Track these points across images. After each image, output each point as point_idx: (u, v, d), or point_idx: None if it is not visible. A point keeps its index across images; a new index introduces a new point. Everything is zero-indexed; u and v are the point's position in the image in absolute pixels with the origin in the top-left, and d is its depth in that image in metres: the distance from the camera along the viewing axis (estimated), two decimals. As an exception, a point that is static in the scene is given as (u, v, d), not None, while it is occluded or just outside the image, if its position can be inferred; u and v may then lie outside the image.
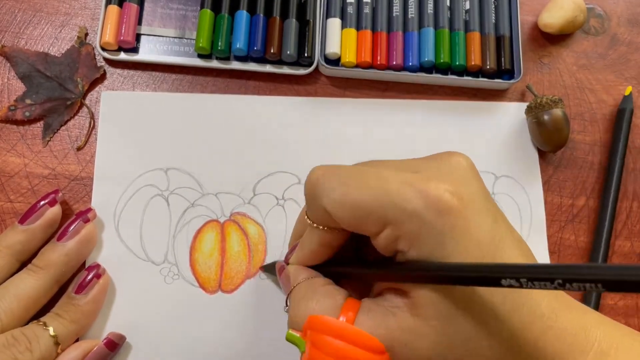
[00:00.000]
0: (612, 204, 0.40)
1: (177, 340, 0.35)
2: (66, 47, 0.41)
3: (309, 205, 0.27)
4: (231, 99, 0.40)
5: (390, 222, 0.24)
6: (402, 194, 0.24)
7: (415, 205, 0.23)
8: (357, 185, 0.25)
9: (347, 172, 0.26)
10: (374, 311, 0.26)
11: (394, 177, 0.24)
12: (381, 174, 0.25)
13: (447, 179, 0.24)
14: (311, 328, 0.25)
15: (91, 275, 0.34)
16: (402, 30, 0.43)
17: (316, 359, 0.24)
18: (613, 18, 0.47)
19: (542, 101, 0.40)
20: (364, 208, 0.24)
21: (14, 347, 0.30)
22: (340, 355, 0.23)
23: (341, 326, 0.24)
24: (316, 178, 0.26)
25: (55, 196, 0.35)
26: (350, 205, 0.25)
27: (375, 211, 0.24)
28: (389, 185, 0.24)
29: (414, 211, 0.23)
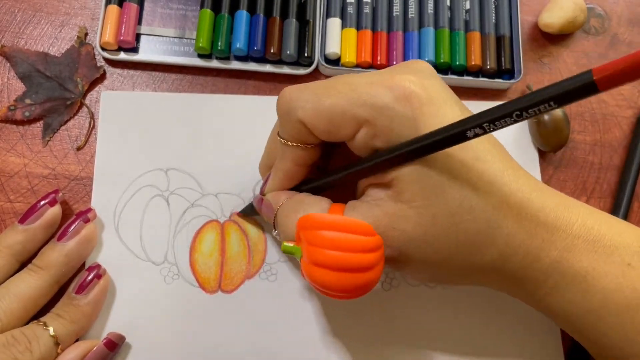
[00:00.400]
0: (626, 205, 0.40)
1: (177, 340, 0.35)
2: (66, 47, 0.41)
3: (282, 122, 0.28)
4: (231, 99, 0.40)
5: (364, 120, 0.25)
6: (371, 91, 0.25)
7: (384, 98, 0.25)
8: (328, 93, 0.26)
9: (317, 85, 0.27)
10: (359, 207, 0.27)
11: (361, 80, 0.26)
12: (349, 80, 0.26)
13: (411, 74, 0.26)
14: (303, 228, 0.25)
15: (92, 275, 0.34)
16: (402, 30, 0.43)
17: (314, 254, 0.24)
18: (613, 18, 0.47)
19: (542, 101, 0.40)
20: (337, 112, 0.26)
21: (13, 347, 0.30)
22: (335, 244, 0.24)
23: (331, 218, 0.25)
24: (289, 94, 0.27)
25: (55, 196, 0.35)
26: (325, 112, 0.26)
27: (349, 112, 0.25)
28: (357, 87, 0.26)
29: (384, 104, 0.25)
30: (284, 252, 0.27)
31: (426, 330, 0.36)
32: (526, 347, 0.36)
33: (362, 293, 0.25)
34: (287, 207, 0.29)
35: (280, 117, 0.29)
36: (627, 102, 0.44)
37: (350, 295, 0.25)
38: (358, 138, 0.26)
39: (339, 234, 0.24)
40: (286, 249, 0.27)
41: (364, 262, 0.24)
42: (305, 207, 0.28)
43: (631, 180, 0.41)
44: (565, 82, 0.19)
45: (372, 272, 0.25)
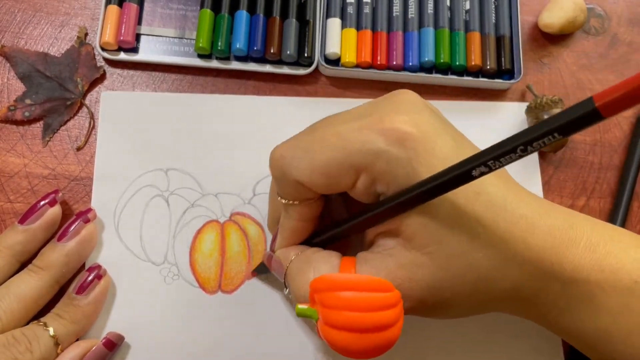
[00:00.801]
0: (625, 206, 0.40)
1: (176, 340, 0.35)
2: (66, 47, 0.41)
3: (279, 184, 0.28)
4: (231, 99, 0.40)
5: (361, 168, 0.25)
6: (362, 138, 0.25)
7: (377, 144, 0.25)
8: (320, 148, 0.26)
9: (306, 140, 0.27)
10: (371, 259, 0.26)
11: (350, 128, 0.26)
12: (338, 131, 0.26)
13: (399, 111, 0.25)
14: (317, 290, 0.25)
15: (92, 276, 0.34)
16: (402, 30, 0.43)
17: (332, 317, 0.24)
18: (613, 18, 0.47)
19: (543, 101, 0.40)
20: (334, 166, 0.25)
21: (14, 348, 0.30)
22: (353, 304, 0.23)
23: (346, 278, 0.24)
24: (280, 156, 0.27)
25: (55, 196, 0.35)
26: (321, 168, 0.26)
27: (345, 164, 0.25)
28: (348, 137, 0.25)
29: (378, 149, 0.25)
30: (299, 315, 0.26)
31: (425, 332, 0.36)
32: (526, 349, 0.36)
33: (382, 352, 0.24)
34: (296, 266, 0.28)
35: (276, 180, 0.28)
36: (627, 102, 0.44)
37: (371, 355, 0.24)
38: (358, 186, 0.26)
39: (355, 293, 0.24)
40: (301, 312, 0.26)
41: (384, 320, 0.23)
42: (314, 264, 0.27)
43: (631, 180, 0.41)
44: (568, 112, 0.19)
45: (393, 329, 0.24)
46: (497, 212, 0.25)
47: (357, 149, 0.25)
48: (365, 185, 0.26)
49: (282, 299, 0.36)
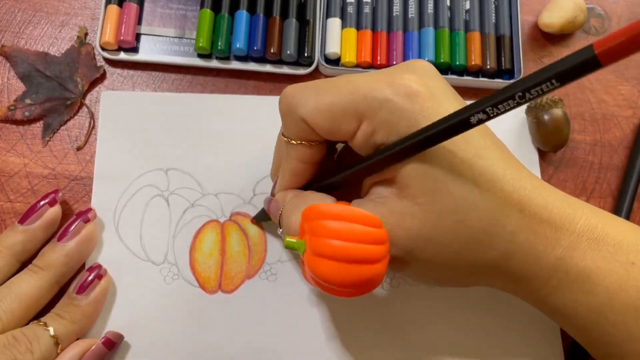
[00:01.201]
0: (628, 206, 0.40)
1: (176, 340, 0.35)
2: (66, 46, 0.41)
3: (285, 121, 0.28)
4: (231, 99, 0.40)
5: (365, 116, 0.26)
6: (372, 87, 0.25)
7: (385, 93, 0.25)
8: (329, 91, 0.26)
9: (318, 83, 0.27)
10: (364, 205, 0.27)
11: (362, 78, 0.26)
12: (350, 78, 0.27)
13: (413, 73, 0.26)
14: (308, 219, 0.25)
15: (92, 275, 0.34)
16: (402, 30, 0.43)
17: (319, 246, 0.24)
18: (613, 18, 0.47)
19: (542, 101, 0.40)
20: (338, 108, 0.26)
21: (14, 348, 0.30)
22: (342, 234, 0.24)
23: (337, 208, 0.24)
24: (291, 93, 0.28)
25: (55, 196, 0.35)
26: (326, 109, 0.26)
27: (349, 108, 0.26)
28: (358, 84, 0.26)
29: (385, 99, 0.25)
30: (287, 247, 0.26)
31: (425, 330, 0.36)
32: (526, 347, 0.36)
33: (366, 289, 0.25)
34: (291, 204, 0.29)
35: (282, 116, 0.29)
36: (627, 102, 0.44)
37: (354, 290, 0.24)
38: (359, 135, 0.26)
39: (344, 223, 0.24)
40: (289, 244, 0.26)
41: (370, 253, 0.24)
42: (309, 203, 0.28)
43: (633, 181, 0.41)
44: (567, 59, 0.19)
45: (378, 265, 0.24)
46: (496, 177, 0.25)
47: (363, 95, 0.25)
48: (365, 134, 0.26)
49: (282, 299, 0.36)
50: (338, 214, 0.24)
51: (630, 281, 0.25)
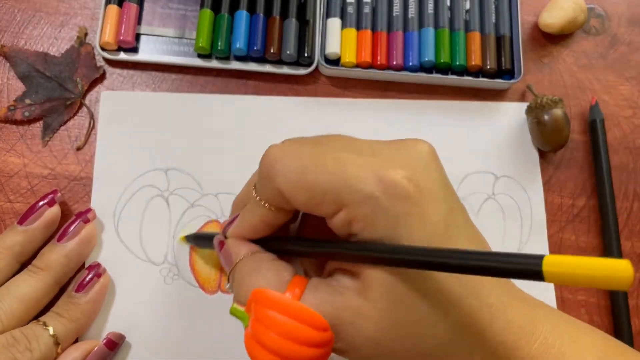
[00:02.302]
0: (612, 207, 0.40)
1: (176, 340, 0.35)
2: (66, 47, 0.41)
3: (261, 183, 0.27)
4: (231, 99, 0.40)
5: (345, 205, 0.24)
6: (359, 177, 0.24)
7: (370, 188, 0.24)
8: (315, 168, 0.25)
9: (305, 153, 0.26)
10: (321, 290, 0.25)
11: (352, 160, 0.25)
12: (340, 157, 0.25)
13: (406, 165, 0.24)
14: (255, 301, 0.24)
15: (91, 274, 0.34)
16: (403, 30, 0.42)
17: (259, 333, 0.23)
18: (613, 18, 0.47)
19: (543, 101, 0.40)
20: (320, 190, 0.24)
21: (13, 347, 0.30)
22: (283, 330, 0.23)
23: (285, 301, 0.24)
24: (274, 158, 0.26)
25: (54, 196, 0.35)
26: (307, 188, 0.25)
27: (331, 193, 0.24)
28: (346, 169, 0.24)
29: (369, 194, 0.24)
30: (231, 314, 0.26)
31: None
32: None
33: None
34: (245, 266, 0.27)
35: (260, 177, 0.27)
36: (628, 102, 0.44)
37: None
38: (336, 219, 0.25)
39: (289, 320, 0.23)
40: (234, 312, 0.25)
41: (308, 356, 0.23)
42: (264, 272, 0.26)
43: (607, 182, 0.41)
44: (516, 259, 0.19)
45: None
46: (465, 294, 0.24)
47: (348, 186, 0.24)
48: (342, 221, 0.25)
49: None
50: (287, 307, 0.23)
51: None
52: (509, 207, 0.40)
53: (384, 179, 0.24)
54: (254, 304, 0.24)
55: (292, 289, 0.26)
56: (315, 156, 0.25)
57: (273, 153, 0.26)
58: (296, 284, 0.26)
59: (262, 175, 0.27)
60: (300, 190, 0.25)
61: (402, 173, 0.24)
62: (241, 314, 0.25)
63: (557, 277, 0.18)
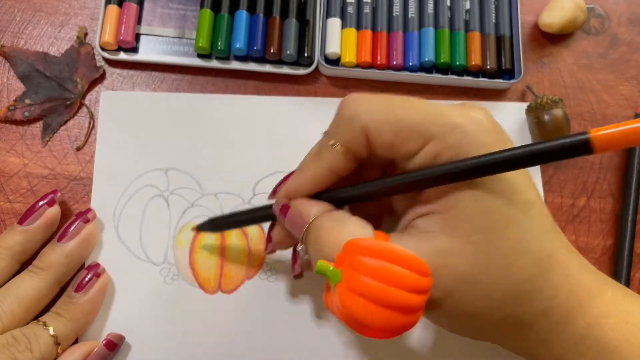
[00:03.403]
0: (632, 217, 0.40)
1: (176, 341, 0.35)
2: (65, 47, 0.41)
3: (341, 125, 0.27)
4: (231, 99, 0.40)
5: (434, 137, 0.25)
6: (446, 110, 0.25)
7: (460, 119, 0.25)
8: (402, 104, 0.26)
9: (389, 96, 0.27)
10: (405, 240, 0.25)
11: (433, 103, 0.26)
12: (424, 100, 0.26)
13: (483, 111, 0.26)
14: (351, 252, 0.23)
15: (91, 274, 0.34)
16: (403, 30, 0.42)
17: (356, 282, 0.22)
18: (613, 18, 0.47)
19: (543, 101, 0.40)
20: (408, 124, 0.25)
21: (13, 347, 0.30)
22: (385, 276, 0.22)
23: (384, 246, 0.23)
24: (358, 99, 0.26)
25: (54, 196, 0.35)
26: (395, 122, 0.25)
27: (420, 125, 0.25)
28: (431, 105, 0.25)
29: (458, 124, 0.25)
30: (318, 272, 0.24)
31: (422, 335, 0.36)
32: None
33: (394, 334, 0.23)
34: (325, 224, 0.26)
35: (339, 120, 0.27)
36: (627, 102, 0.44)
37: (381, 335, 0.23)
38: (420, 155, 0.25)
39: (392, 266, 0.22)
40: (322, 269, 0.24)
41: (410, 302, 0.22)
42: (349, 227, 0.26)
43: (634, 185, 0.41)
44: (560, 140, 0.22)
45: (412, 316, 0.23)
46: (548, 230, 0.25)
47: (437, 115, 0.25)
48: (428, 156, 0.25)
49: (282, 299, 0.36)
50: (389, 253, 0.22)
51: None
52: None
53: (469, 115, 0.25)
54: (349, 255, 0.23)
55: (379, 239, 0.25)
56: (401, 98, 0.26)
57: (356, 96, 0.27)
58: (380, 238, 0.25)
59: (344, 117, 0.27)
60: (389, 125, 0.25)
61: (485, 114, 0.26)
62: (331, 271, 0.24)
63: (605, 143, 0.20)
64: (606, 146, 0.20)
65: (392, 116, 0.25)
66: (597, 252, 0.40)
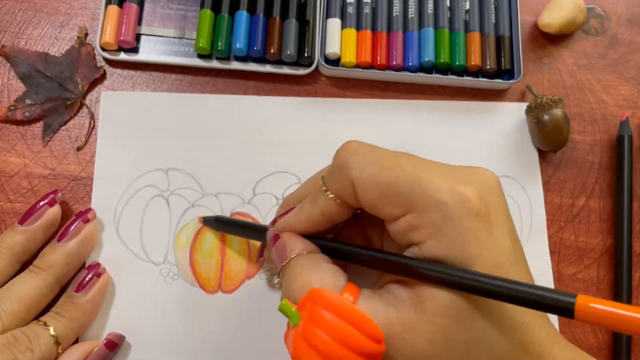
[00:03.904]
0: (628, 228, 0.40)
1: (176, 341, 0.35)
2: (66, 47, 0.41)
3: (333, 174, 0.27)
4: (231, 99, 0.40)
5: (415, 208, 0.24)
6: (434, 183, 0.24)
7: (445, 197, 0.24)
8: (392, 166, 0.25)
9: (384, 152, 0.26)
10: (375, 300, 0.25)
11: (430, 167, 0.25)
12: (417, 164, 0.25)
13: (477, 185, 0.25)
14: (312, 300, 0.24)
15: (91, 274, 0.34)
16: (402, 30, 0.43)
17: (310, 334, 0.23)
18: (613, 18, 0.47)
19: (542, 101, 0.40)
20: (393, 189, 0.24)
21: (14, 347, 0.30)
22: (337, 334, 0.22)
23: (344, 304, 0.23)
24: (352, 150, 0.26)
25: (54, 196, 0.35)
26: (381, 184, 0.25)
27: (404, 194, 0.24)
28: (422, 175, 0.24)
29: (443, 202, 0.24)
30: (280, 310, 0.25)
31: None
32: None
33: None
34: (301, 263, 0.27)
35: (334, 166, 0.27)
36: (627, 102, 0.44)
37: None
38: (400, 222, 0.25)
39: (346, 325, 0.22)
40: (284, 309, 0.25)
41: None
42: (320, 274, 0.26)
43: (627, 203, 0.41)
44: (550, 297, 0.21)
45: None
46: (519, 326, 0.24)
47: (423, 189, 0.24)
48: (406, 226, 0.25)
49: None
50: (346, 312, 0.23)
51: None
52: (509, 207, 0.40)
53: (457, 191, 0.24)
54: (310, 303, 0.24)
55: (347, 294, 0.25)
56: (393, 157, 0.26)
57: (352, 146, 0.26)
58: (350, 292, 0.25)
59: (337, 166, 0.27)
60: (374, 186, 0.25)
61: (474, 191, 0.24)
62: (291, 312, 0.24)
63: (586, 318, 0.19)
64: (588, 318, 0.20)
65: (380, 177, 0.25)
66: (597, 252, 0.40)
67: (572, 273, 0.40)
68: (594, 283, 0.40)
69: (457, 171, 0.26)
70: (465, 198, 0.24)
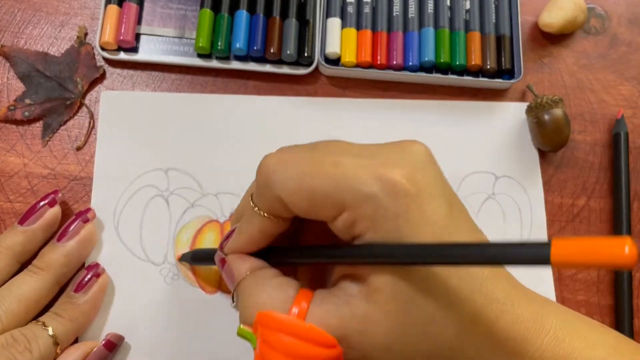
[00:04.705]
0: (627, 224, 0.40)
1: (176, 341, 0.35)
2: (66, 46, 0.41)
3: (260, 193, 0.27)
4: (231, 99, 0.40)
5: (347, 206, 0.24)
6: (358, 178, 0.24)
7: (371, 188, 0.24)
8: (314, 172, 0.25)
9: (302, 159, 0.26)
10: (327, 301, 0.25)
11: (350, 163, 0.25)
12: (337, 160, 0.25)
13: (404, 164, 0.24)
14: (261, 324, 0.24)
15: (90, 274, 0.34)
16: (403, 30, 0.42)
17: (267, 356, 0.23)
18: (613, 18, 0.47)
19: (543, 101, 0.40)
20: (320, 195, 0.24)
21: (13, 348, 0.30)
22: (291, 352, 0.23)
23: (291, 322, 0.24)
24: (271, 167, 0.26)
25: (54, 196, 0.35)
26: (307, 193, 0.25)
27: (332, 196, 0.24)
28: (345, 171, 0.24)
29: (370, 194, 0.24)
30: (239, 335, 0.25)
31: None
32: None
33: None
34: (249, 285, 0.27)
35: (258, 187, 0.27)
36: (628, 102, 0.44)
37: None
38: (338, 222, 0.25)
39: (296, 341, 0.23)
40: (241, 334, 0.25)
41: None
42: (268, 291, 0.26)
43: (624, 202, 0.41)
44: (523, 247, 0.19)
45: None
46: (472, 290, 0.24)
47: (349, 187, 0.24)
48: (345, 223, 0.25)
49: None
50: (292, 327, 0.23)
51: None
52: (509, 207, 0.40)
53: (383, 178, 0.24)
54: (260, 326, 0.24)
55: (299, 303, 0.25)
56: (313, 161, 0.25)
57: (269, 162, 0.26)
58: (302, 298, 0.25)
59: (260, 185, 0.26)
60: (301, 197, 0.25)
61: (401, 172, 0.24)
62: (249, 335, 0.25)
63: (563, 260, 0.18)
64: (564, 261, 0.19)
65: (304, 186, 0.25)
66: (597, 252, 0.40)
67: (573, 273, 0.40)
68: (594, 283, 0.40)
69: (383, 153, 0.26)
70: (392, 183, 0.24)
